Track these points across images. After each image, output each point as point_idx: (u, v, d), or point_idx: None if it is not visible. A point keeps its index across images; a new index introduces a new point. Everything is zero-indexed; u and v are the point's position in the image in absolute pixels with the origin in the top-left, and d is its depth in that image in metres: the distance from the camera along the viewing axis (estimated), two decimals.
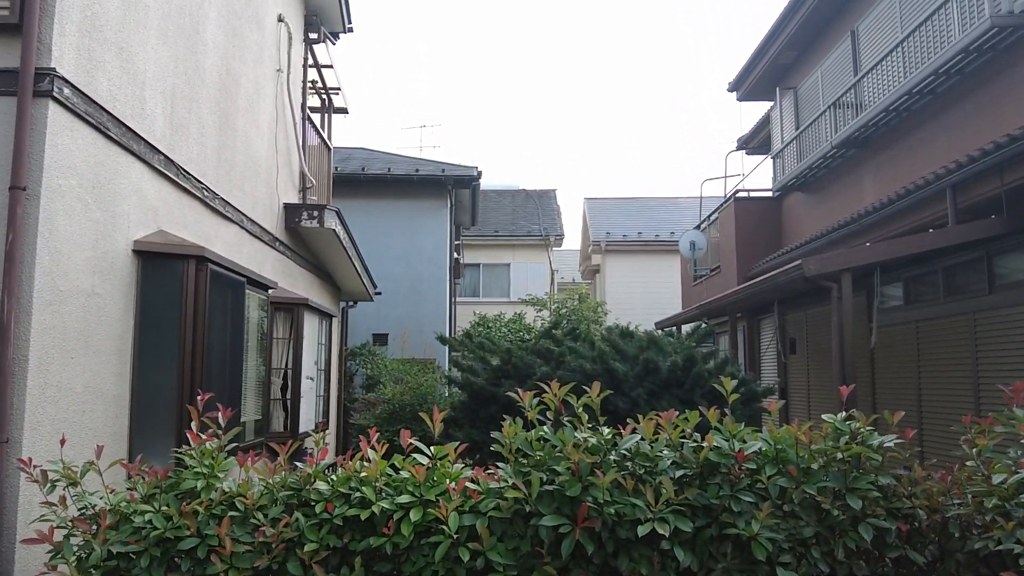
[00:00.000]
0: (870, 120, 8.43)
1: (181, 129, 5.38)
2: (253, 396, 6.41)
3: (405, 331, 13.80)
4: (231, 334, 5.58)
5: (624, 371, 4.96)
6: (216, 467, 3.09)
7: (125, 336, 4.52)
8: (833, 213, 10.07)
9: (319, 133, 10.12)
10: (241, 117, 6.78)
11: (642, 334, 5.90)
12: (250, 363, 6.27)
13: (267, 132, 7.63)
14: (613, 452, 2.89)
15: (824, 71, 10.31)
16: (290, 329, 7.80)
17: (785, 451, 2.95)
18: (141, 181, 4.74)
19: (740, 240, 11.89)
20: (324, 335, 9.36)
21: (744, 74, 12.36)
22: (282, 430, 7.64)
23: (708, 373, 5.14)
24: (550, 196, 24.70)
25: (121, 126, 4.43)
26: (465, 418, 5.90)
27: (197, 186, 5.67)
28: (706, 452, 2.90)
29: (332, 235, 8.66)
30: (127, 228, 4.56)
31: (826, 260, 6.30)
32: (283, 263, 8.13)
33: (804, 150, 10.78)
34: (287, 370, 7.72)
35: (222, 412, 3.27)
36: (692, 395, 5.06)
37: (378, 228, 14.43)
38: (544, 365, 5.57)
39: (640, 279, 22.18)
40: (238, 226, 6.64)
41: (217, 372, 5.27)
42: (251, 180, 7.06)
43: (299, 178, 8.92)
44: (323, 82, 10.46)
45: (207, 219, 5.91)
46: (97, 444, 3.06)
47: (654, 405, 4.90)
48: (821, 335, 10.05)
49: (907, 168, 8.14)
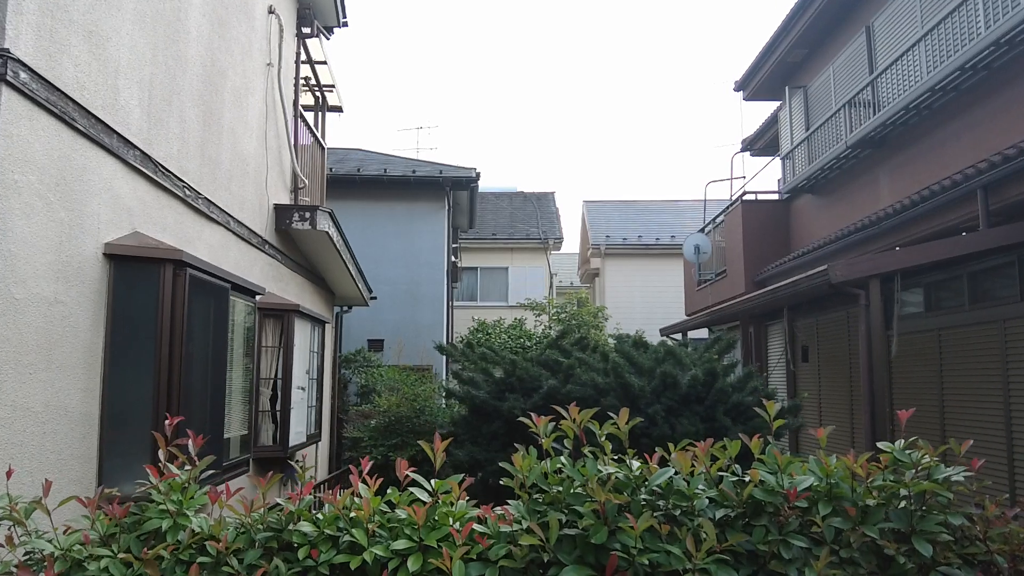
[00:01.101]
0: (888, 118, 8.07)
1: (160, 123, 4.98)
2: (239, 409, 6.01)
3: (401, 337, 13.40)
4: (214, 343, 5.18)
5: (640, 386, 4.56)
6: (185, 503, 2.69)
7: (94, 348, 4.12)
8: (845, 216, 9.71)
9: (312, 132, 9.73)
10: (228, 112, 6.38)
11: (658, 345, 5.51)
12: (236, 374, 5.87)
13: (256, 129, 7.24)
14: (643, 489, 2.50)
15: (836, 69, 9.95)
16: (280, 337, 7.40)
17: (839, 486, 2.57)
18: (114, 178, 4.34)
19: (748, 244, 11.52)
20: (316, 342, 8.95)
21: (751, 73, 12.00)
22: (271, 443, 7.23)
23: (732, 388, 4.76)
24: (549, 199, 24.33)
25: (90, 117, 4.03)
26: (466, 434, 5.50)
27: (178, 185, 5.27)
28: (750, 489, 2.51)
29: (325, 237, 8.26)
30: (97, 230, 4.16)
31: (854, 265, 5.92)
32: (273, 267, 7.73)
33: (815, 151, 10.41)
34: (277, 380, 7.31)
35: (193, 439, 2.87)
36: (714, 412, 4.67)
37: (374, 230, 14.04)
38: (551, 378, 5.18)
39: (640, 283, 21.83)
40: (224, 228, 6.24)
41: (198, 385, 4.86)
42: (238, 179, 6.67)
43: (291, 178, 8.53)
44: (316, 79, 10.07)
45: (189, 220, 5.51)
46: (46, 479, 2.66)
47: (672, 423, 4.51)
48: (833, 343, 9.68)
49: (928, 168, 7.78)
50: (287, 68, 8.37)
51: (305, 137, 9.42)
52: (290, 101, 8.44)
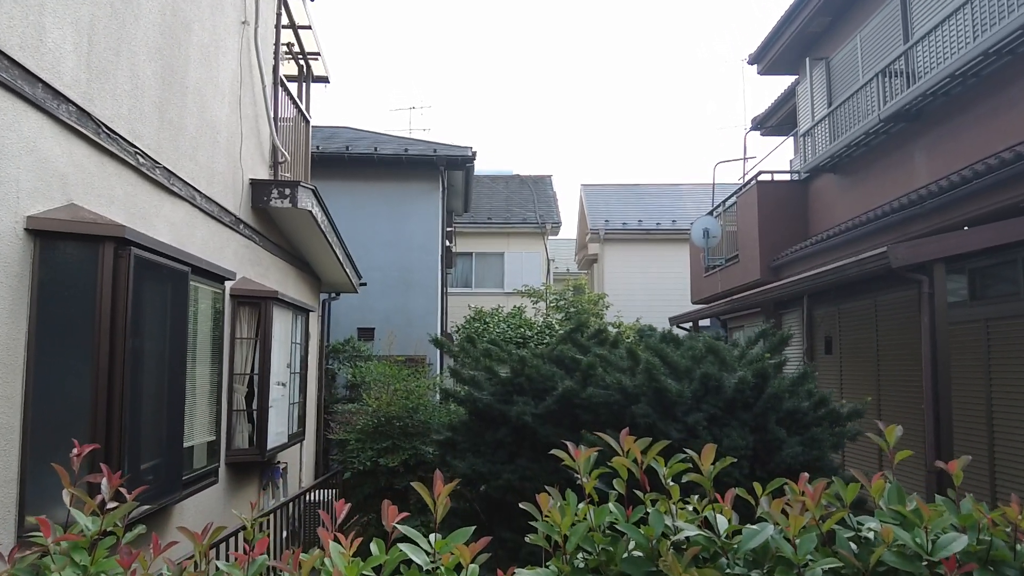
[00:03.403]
0: (929, 88, 7.33)
1: (105, 75, 4.19)
2: (205, 411, 5.25)
3: (392, 328, 12.63)
4: (171, 337, 4.42)
5: (678, 390, 3.83)
6: (93, 566, 1.94)
7: (14, 345, 3.35)
8: (872, 196, 8.98)
9: (296, 103, 8.91)
10: (193, 71, 5.58)
11: (690, 340, 4.77)
12: (200, 371, 5.10)
13: (229, 94, 6.44)
14: (732, 556, 1.76)
15: (864, 38, 9.19)
16: (257, 327, 6.63)
17: (1000, 551, 1.84)
18: (39, 137, 3.56)
19: (763, 227, 10.79)
20: (299, 333, 8.18)
21: (768, 44, 11.22)
22: (247, 446, 6.48)
23: (787, 392, 4.04)
24: (546, 182, 23.55)
25: (4, 59, 3.24)
26: (467, 442, 4.78)
27: (130, 151, 4.49)
28: (880, 553, 1.78)
29: (308, 217, 7.48)
30: (16, 200, 3.38)
31: (919, 247, 5.21)
32: (250, 249, 6.95)
33: (838, 127, 9.67)
34: (253, 376, 6.55)
35: (108, 477, 2.11)
36: (765, 421, 3.95)
37: (364, 213, 13.23)
38: (566, 378, 4.45)
39: (640, 269, 21.09)
40: (189, 203, 5.46)
41: (150, 386, 4.11)
42: (207, 149, 5.88)
43: (270, 151, 7.73)
44: (300, 46, 9.24)
45: (144, 193, 4.73)
46: None
47: (716, 434, 3.80)
48: (858, 334, 8.98)
49: (974, 142, 7.04)
50: (265, 29, 7.55)
51: (287, 109, 8.61)
52: (269, 66, 7.63)
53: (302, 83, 9.75)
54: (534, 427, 4.36)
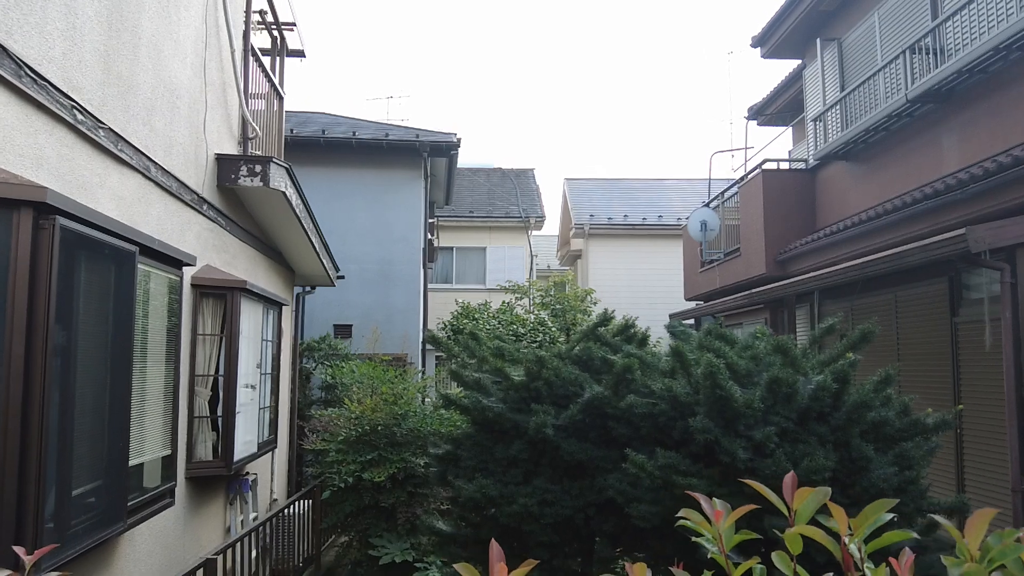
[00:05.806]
0: (966, 65, 6.71)
1: (26, 5, 3.38)
2: (158, 421, 4.43)
3: (372, 325, 11.82)
4: (114, 331, 3.61)
5: (747, 399, 3.10)
6: None
7: None
8: (891, 185, 8.37)
9: (268, 77, 8.08)
10: (148, 21, 4.76)
11: (750, 338, 4.06)
12: (152, 372, 4.29)
13: (192, 54, 5.62)
14: None
15: (883, 15, 8.58)
16: (223, 322, 5.82)
17: None
18: None
19: (769, 218, 10.16)
20: (271, 329, 7.37)
21: (774, 25, 10.59)
22: (211, 458, 5.66)
23: (876, 401, 3.35)
24: (529, 175, 22.82)
25: None
26: (472, 458, 4.02)
27: (65, 103, 3.68)
28: None
29: (281, 198, 6.67)
30: None
31: (1002, 230, 4.57)
32: (214, 233, 6.13)
33: (851, 111, 9.05)
34: (218, 377, 5.74)
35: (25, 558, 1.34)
36: (848, 436, 3.24)
37: (341, 202, 12.39)
38: (593, 383, 3.73)
39: (625, 265, 20.47)
40: (142, 175, 4.64)
41: (85, 393, 3.30)
42: (164, 113, 5.06)
43: (239, 125, 6.90)
44: (274, 13, 8.40)
45: (84, 157, 3.91)
46: None
47: (790, 452, 3.09)
48: None
49: (1015, 123, 6.44)
50: None
51: (260, 83, 7.78)
52: (239, 30, 6.80)
53: (275, 56, 8.89)
54: (556, 442, 3.64)
